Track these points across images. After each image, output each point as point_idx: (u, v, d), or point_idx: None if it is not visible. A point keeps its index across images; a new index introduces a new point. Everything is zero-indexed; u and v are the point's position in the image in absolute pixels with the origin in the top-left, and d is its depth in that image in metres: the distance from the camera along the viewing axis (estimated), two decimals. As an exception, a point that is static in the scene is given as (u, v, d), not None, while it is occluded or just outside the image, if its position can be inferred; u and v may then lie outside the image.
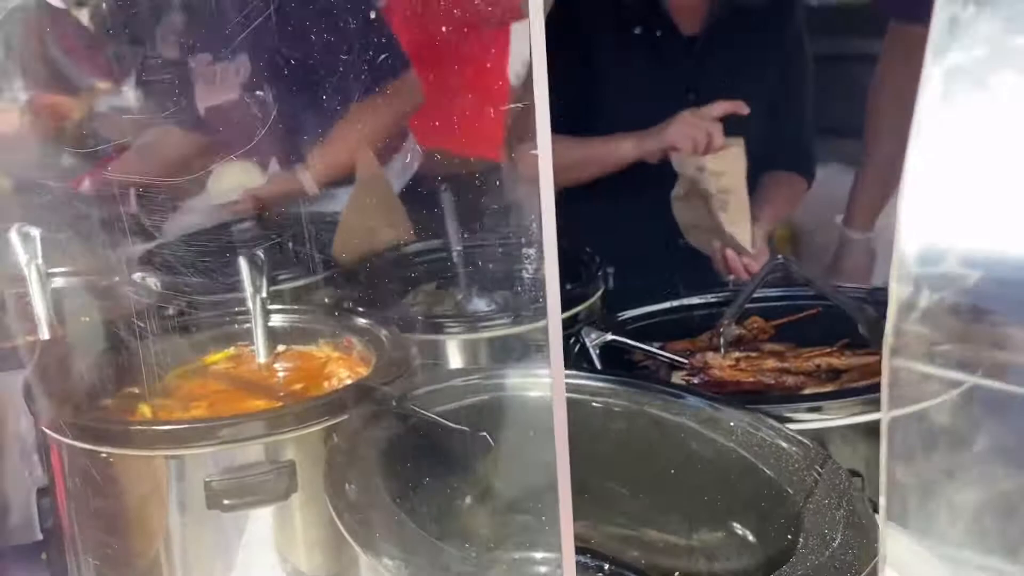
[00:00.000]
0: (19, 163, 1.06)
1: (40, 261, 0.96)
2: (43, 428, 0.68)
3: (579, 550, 0.67)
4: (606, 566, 0.64)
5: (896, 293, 0.27)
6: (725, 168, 1.11)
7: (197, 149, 1.17)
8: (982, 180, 0.26)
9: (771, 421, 0.60)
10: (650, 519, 0.63)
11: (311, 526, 0.69)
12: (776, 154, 1.26)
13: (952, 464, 0.29)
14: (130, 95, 1.10)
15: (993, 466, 0.29)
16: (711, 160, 1.10)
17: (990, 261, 0.26)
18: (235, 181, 1.18)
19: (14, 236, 0.94)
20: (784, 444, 0.57)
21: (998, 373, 0.27)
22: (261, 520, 0.68)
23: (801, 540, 0.49)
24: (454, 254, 1.10)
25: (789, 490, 0.54)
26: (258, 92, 1.13)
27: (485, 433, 0.57)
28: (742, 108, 1.11)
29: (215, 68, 1.18)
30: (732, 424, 0.61)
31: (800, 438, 0.57)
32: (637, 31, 1.24)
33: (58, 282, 1.02)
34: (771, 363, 0.74)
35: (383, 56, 1.16)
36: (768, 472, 0.56)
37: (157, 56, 1.11)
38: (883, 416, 0.28)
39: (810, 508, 0.51)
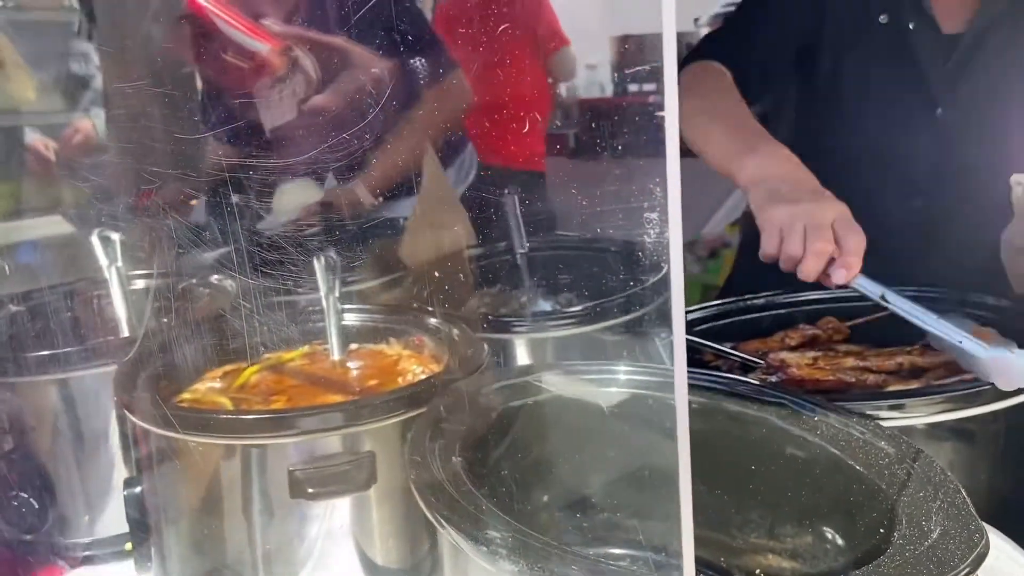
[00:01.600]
0: (102, 171, 1.10)
1: (120, 264, 1.00)
2: (132, 419, 0.70)
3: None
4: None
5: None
6: None
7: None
8: None
9: (857, 416, 0.59)
10: (732, 520, 0.62)
11: (387, 518, 0.70)
12: None
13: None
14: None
15: None
16: None
17: None
18: (295, 199, 1.21)
19: (95, 240, 0.98)
20: (873, 439, 0.56)
21: None
22: (339, 511, 0.69)
23: (896, 533, 0.48)
24: (517, 257, 1.12)
25: (881, 485, 0.53)
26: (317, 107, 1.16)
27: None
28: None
29: (278, 88, 1.21)
30: (816, 420, 0.60)
31: (890, 432, 0.56)
32: (882, 19, 1.06)
33: (138, 283, 1.06)
34: (851, 361, 0.72)
35: (431, 58, 1.17)
36: (858, 467, 0.55)
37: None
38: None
39: (904, 501, 0.50)
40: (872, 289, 0.74)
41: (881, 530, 0.51)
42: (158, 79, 0.95)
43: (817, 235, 0.74)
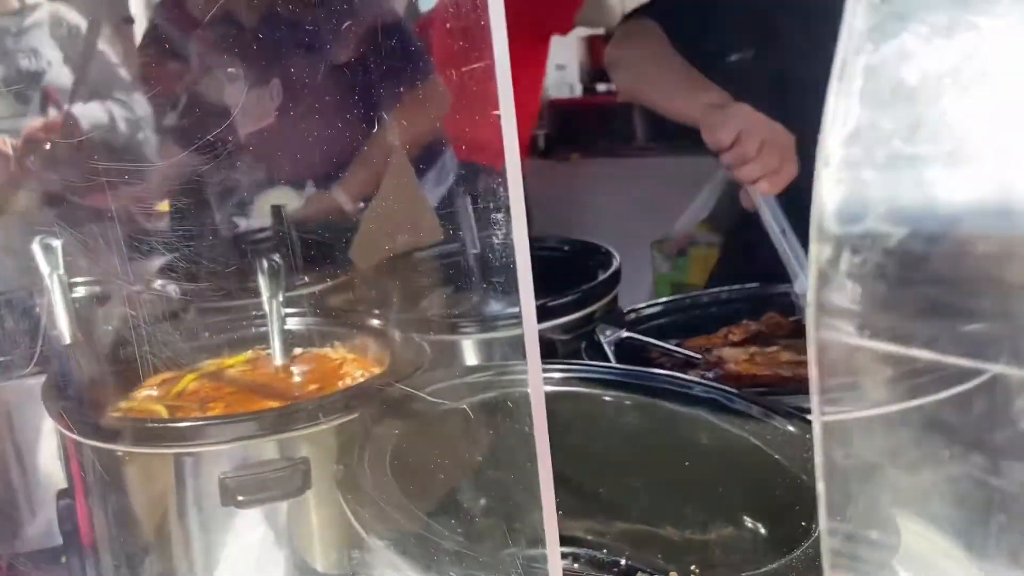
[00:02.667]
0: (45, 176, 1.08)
1: (62, 271, 0.98)
2: (62, 430, 0.69)
3: (595, 546, 0.67)
4: (622, 562, 0.64)
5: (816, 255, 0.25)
6: None
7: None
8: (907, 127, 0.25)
9: (784, 410, 0.59)
10: (664, 513, 0.62)
11: (325, 523, 0.69)
12: None
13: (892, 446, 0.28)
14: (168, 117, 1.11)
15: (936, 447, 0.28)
16: None
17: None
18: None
19: (36, 247, 0.96)
20: (797, 432, 0.56)
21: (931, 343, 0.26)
22: (275, 517, 0.68)
23: (815, 525, 0.48)
24: (470, 257, 1.11)
25: (803, 477, 0.53)
26: (291, 114, 1.15)
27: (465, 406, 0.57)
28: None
29: (252, 94, 1.19)
30: (744, 414, 0.60)
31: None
32: None
33: (79, 291, 1.04)
34: (787, 356, 0.73)
35: (409, 63, 1.16)
36: (782, 460, 0.55)
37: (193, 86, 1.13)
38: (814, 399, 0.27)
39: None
40: (777, 217, 0.78)
41: (803, 523, 0.51)
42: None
43: (773, 150, 0.80)
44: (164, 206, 1.00)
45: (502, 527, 0.63)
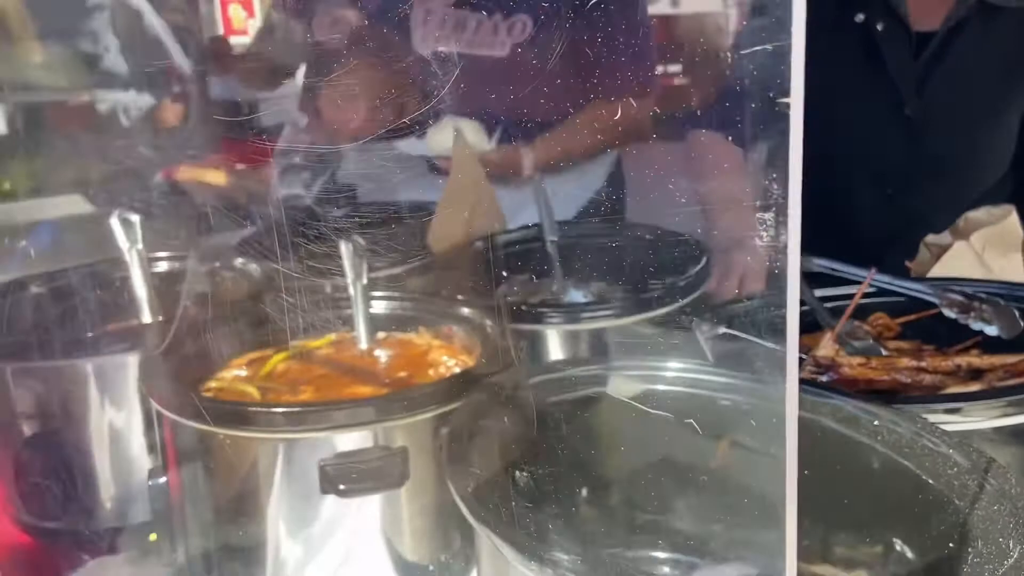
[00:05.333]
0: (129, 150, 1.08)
1: (140, 246, 0.97)
2: (160, 409, 0.68)
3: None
4: None
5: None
6: None
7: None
8: None
9: (922, 422, 0.55)
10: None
11: (418, 514, 0.68)
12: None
13: None
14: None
15: None
16: None
17: None
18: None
19: (115, 222, 0.96)
20: (940, 447, 0.53)
21: None
22: (369, 507, 0.66)
23: (971, 550, 0.45)
24: (548, 244, 1.08)
25: (951, 496, 0.49)
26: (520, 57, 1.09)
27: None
28: None
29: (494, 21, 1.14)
30: (877, 424, 0.57)
31: (958, 440, 0.53)
32: (859, 18, 1.11)
33: (161, 267, 1.04)
34: (906, 361, 0.69)
35: (639, 64, 1.11)
36: (924, 476, 0.52)
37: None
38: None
39: (978, 515, 0.47)
40: None
41: (951, 544, 0.48)
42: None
43: None
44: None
45: (609, 522, 0.62)
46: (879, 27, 1.10)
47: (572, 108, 1.00)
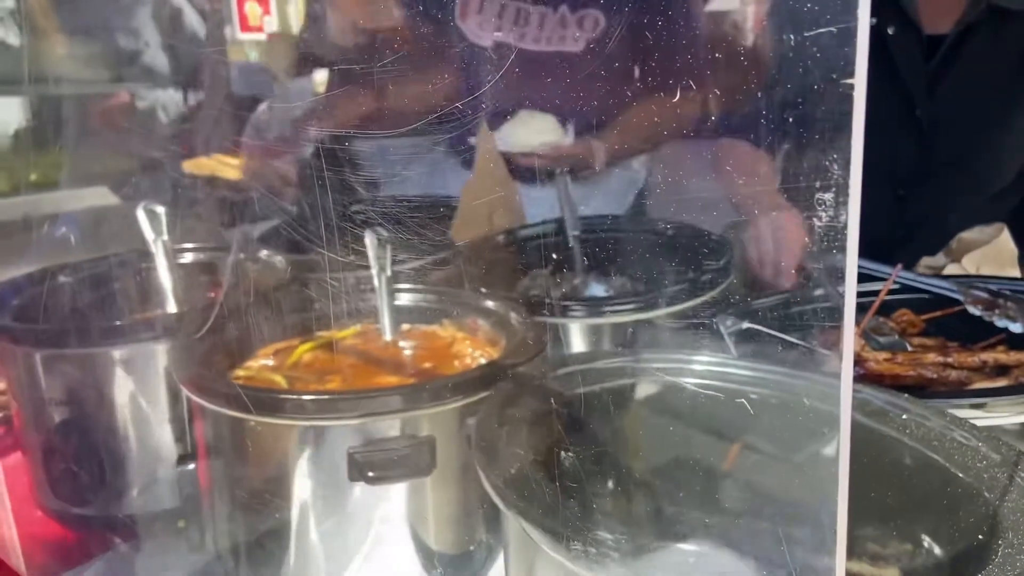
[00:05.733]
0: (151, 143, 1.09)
1: (166, 237, 0.98)
2: (190, 395, 0.69)
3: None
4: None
5: None
6: None
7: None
8: None
9: (951, 416, 0.55)
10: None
11: (444, 504, 0.69)
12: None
13: None
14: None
15: None
16: None
17: None
18: (536, 131, 1.17)
19: (140, 213, 0.97)
20: (969, 440, 0.53)
21: None
22: (395, 495, 0.67)
23: (1001, 542, 0.45)
24: (570, 239, 1.09)
25: (981, 489, 0.50)
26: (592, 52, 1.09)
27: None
28: None
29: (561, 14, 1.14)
30: (905, 418, 0.57)
31: (988, 434, 0.53)
32: (872, 21, 1.14)
33: (186, 257, 1.05)
34: (932, 356, 0.69)
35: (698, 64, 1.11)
36: (953, 470, 0.52)
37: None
38: None
39: (1008, 508, 0.47)
40: None
41: (980, 536, 0.48)
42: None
43: None
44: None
45: (637, 512, 0.62)
46: (890, 30, 1.11)
47: (627, 103, 1.00)
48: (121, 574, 0.79)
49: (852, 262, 0.26)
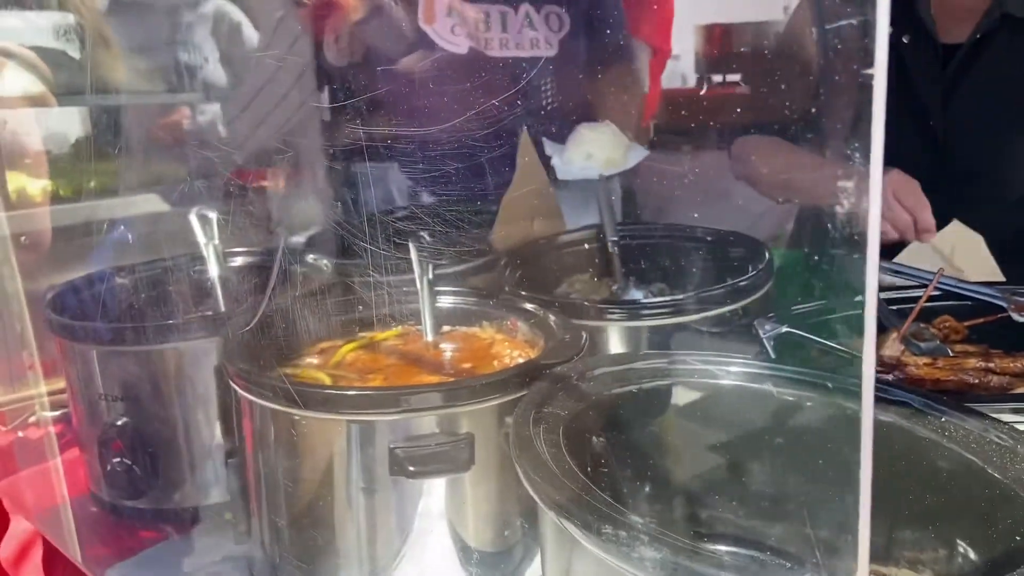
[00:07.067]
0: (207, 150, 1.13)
1: (217, 241, 1.02)
2: (240, 391, 0.71)
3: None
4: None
5: None
6: None
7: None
8: None
9: (991, 419, 0.55)
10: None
11: (482, 500, 0.70)
12: None
13: None
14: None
15: None
16: None
17: None
18: (602, 149, 1.20)
19: (193, 218, 1.01)
20: (1010, 443, 0.53)
21: None
22: (434, 491, 0.69)
23: (1040, 544, 0.45)
24: (609, 244, 1.10)
25: (1018, 491, 0.49)
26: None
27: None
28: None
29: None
30: (944, 421, 0.56)
31: (1029, 436, 0.53)
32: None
33: (237, 261, 1.09)
34: (974, 362, 0.68)
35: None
36: (993, 473, 0.51)
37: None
38: None
39: (1047, 510, 0.47)
40: None
41: (1018, 537, 0.48)
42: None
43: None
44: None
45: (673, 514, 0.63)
46: (905, 39, 1.12)
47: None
48: (171, 565, 0.82)
49: (874, 247, 0.27)
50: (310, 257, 1.01)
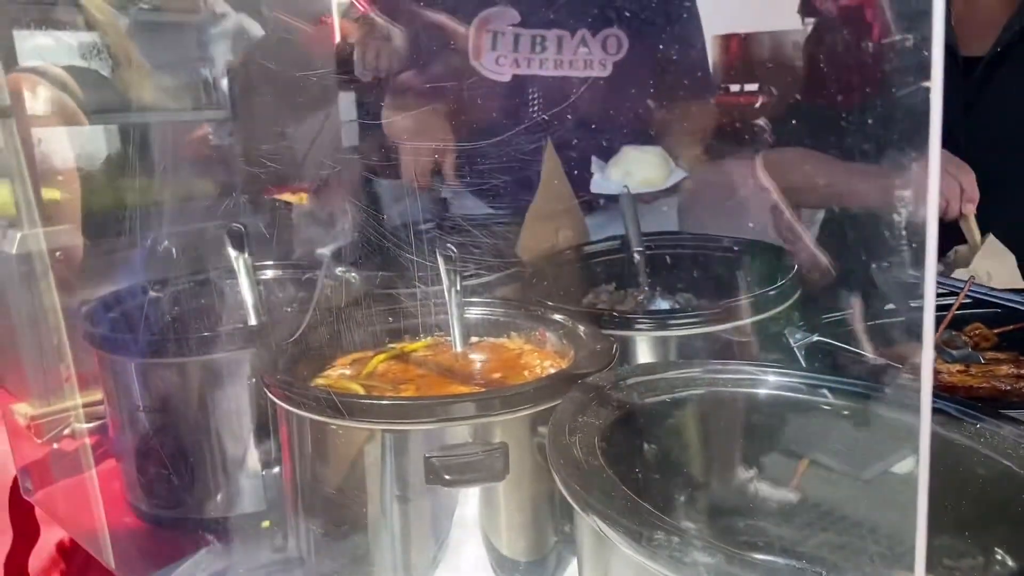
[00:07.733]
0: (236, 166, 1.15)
1: (247, 255, 1.04)
2: (276, 401, 0.72)
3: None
4: None
5: None
6: None
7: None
8: None
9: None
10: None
11: (516, 509, 0.70)
12: None
13: None
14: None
15: None
16: None
17: None
18: (642, 169, 1.21)
19: (225, 234, 1.03)
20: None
21: None
22: (468, 500, 0.69)
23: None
24: (634, 254, 1.10)
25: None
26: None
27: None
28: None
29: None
30: (979, 427, 0.57)
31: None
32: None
33: (268, 274, 1.10)
34: (1006, 369, 0.68)
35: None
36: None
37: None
38: None
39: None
40: None
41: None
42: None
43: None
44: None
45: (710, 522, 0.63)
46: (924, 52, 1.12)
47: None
48: (208, 574, 0.83)
49: (932, 254, 0.27)
50: (338, 269, 1.03)
